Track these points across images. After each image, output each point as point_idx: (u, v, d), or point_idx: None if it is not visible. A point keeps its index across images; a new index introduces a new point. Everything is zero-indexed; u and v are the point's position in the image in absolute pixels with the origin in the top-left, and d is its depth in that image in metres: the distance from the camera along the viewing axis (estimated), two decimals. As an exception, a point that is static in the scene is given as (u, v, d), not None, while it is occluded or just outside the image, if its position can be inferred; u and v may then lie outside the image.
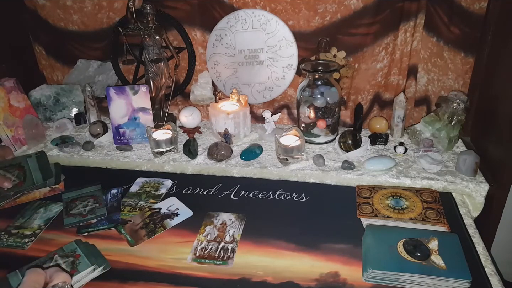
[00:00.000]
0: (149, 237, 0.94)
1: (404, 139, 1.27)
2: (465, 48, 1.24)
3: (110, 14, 1.41)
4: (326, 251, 0.88)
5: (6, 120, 1.27)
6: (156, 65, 1.30)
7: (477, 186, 1.05)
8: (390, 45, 1.26)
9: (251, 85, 1.39)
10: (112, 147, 1.31)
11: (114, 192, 1.10)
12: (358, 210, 0.97)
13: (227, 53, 1.36)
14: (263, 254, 0.89)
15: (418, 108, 1.36)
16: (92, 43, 1.49)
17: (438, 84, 1.31)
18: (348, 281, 0.81)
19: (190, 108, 1.40)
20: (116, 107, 1.28)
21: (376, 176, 1.09)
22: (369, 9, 1.21)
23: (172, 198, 1.08)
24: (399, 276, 0.78)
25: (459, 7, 1.18)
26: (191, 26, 1.36)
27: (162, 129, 1.25)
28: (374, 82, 1.33)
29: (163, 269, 0.86)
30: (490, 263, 0.84)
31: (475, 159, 1.06)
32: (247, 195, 1.08)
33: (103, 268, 0.84)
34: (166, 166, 1.21)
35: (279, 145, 1.15)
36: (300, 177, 1.14)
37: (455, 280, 0.77)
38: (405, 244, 0.84)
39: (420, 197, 1.00)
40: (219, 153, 1.19)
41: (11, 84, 1.30)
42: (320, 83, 1.21)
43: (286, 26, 1.28)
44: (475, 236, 0.92)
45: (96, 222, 0.99)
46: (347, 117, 1.40)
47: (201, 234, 0.95)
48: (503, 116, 1.09)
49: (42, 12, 1.45)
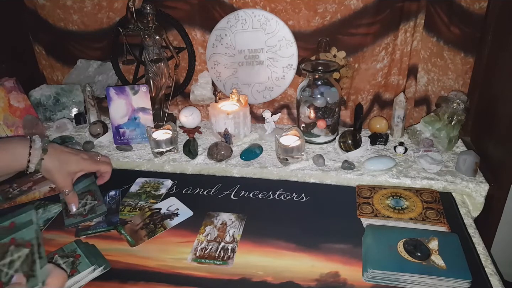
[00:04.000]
0: (149, 237, 0.94)
1: (404, 139, 1.27)
2: (465, 48, 1.24)
3: (110, 14, 1.41)
4: (326, 251, 0.88)
5: (6, 120, 1.27)
6: (156, 65, 1.30)
7: (477, 186, 1.05)
8: (390, 45, 1.26)
9: (251, 85, 1.39)
10: (112, 147, 1.31)
11: (112, 194, 1.10)
12: (358, 210, 0.97)
13: (227, 53, 1.36)
14: (263, 254, 0.89)
15: (418, 108, 1.36)
16: (92, 43, 1.49)
17: (438, 84, 1.31)
18: (348, 281, 0.81)
19: (190, 108, 1.40)
20: (116, 107, 1.28)
21: (376, 176, 1.10)
22: (369, 9, 1.21)
23: (172, 198, 1.08)
24: (399, 276, 0.78)
25: (459, 7, 1.18)
26: (191, 26, 1.36)
27: (162, 129, 1.25)
28: (374, 82, 1.33)
29: (163, 269, 0.86)
30: (490, 263, 0.84)
31: (475, 159, 1.06)
32: (247, 195, 1.08)
33: (103, 268, 0.84)
34: (166, 166, 1.21)
35: (279, 145, 1.15)
36: (300, 177, 1.14)
37: (455, 280, 0.77)
38: (405, 244, 0.84)
39: (420, 197, 1.00)
40: (219, 153, 1.19)
41: (11, 84, 1.30)
42: (320, 83, 1.21)
43: (286, 26, 1.28)
44: (475, 236, 0.92)
45: (94, 225, 0.99)
46: (347, 117, 1.40)
47: (201, 234, 0.95)
48: (503, 116, 1.09)
49: (42, 12, 1.45)
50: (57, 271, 0.65)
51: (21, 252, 0.64)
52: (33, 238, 0.65)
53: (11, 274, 0.62)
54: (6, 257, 0.62)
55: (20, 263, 0.63)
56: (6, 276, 0.62)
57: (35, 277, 0.63)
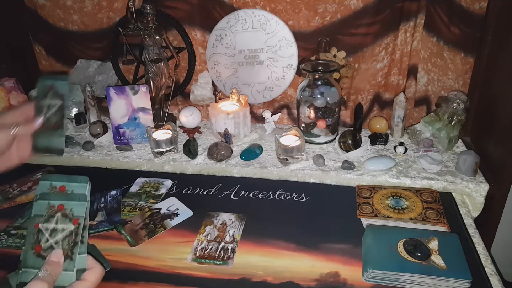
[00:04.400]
0: (149, 238, 0.94)
1: (404, 139, 1.27)
2: (465, 48, 1.24)
3: (110, 14, 1.41)
4: (326, 251, 0.88)
5: (6, 120, 1.27)
6: (156, 65, 1.30)
7: (477, 186, 1.05)
8: (390, 45, 1.26)
9: (251, 85, 1.39)
10: (112, 147, 1.31)
11: (113, 194, 1.10)
12: (358, 210, 0.97)
13: (227, 53, 1.36)
14: (263, 254, 0.89)
15: (418, 108, 1.36)
16: (92, 43, 1.49)
17: (438, 84, 1.31)
18: (348, 281, 0.81)
19: (190, 108, 1.40)
20: (116, 107, 1.28)
21: (376, 176, 1.09)
22: (369, 9, 1.21)
23: (172, 198, 1.08)
24: (399, 276, 0.78)
25: (459, 7, 1.18)
26: (191, 26, 1.36)
27: (162, 129, 1.25)
28: (374, 82, 1.33)
29: (163, 269, 0.86)
30: (490, 263, 0.84)
31: (475, 159, 1.06)
32: (247, 195, 1.08)
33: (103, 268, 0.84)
34: (166, 166, 1.21)
35: (279, 145, 1.15)
36: (300, 177, 1.14)
37: (455, 280, 0.77)
38: (405, 244, 0.84)
39: (420, 197, 1.00)
40: (219, 153, 1.19)
41: (11, 84, 1.31)
42: (320, 83, 1.21)
43: (286, 26, 1.28)
44: (475, 236, 0.92)
45: (96, 224, 0.99)
46: (347, 117, 1.40)
47: (201, 234, 0.95)
48: (503, 116, 1.09)
49: (42, 12, 1.45)
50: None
51: (67, 226, 0.58)
52: (82, 217, 0.58)
53: (51, 244, 0.57)
54: (51, 222, 0.57)
55: (62, 236, 0.57)
56: (46, 243, 0.57)
57: (72, 260, 0.57)
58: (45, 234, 0.57)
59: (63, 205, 0.59)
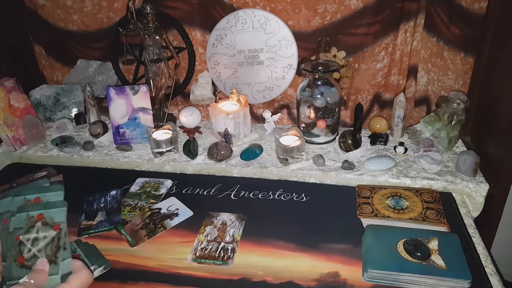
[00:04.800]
0: (149, 237, 0.94)
1: (404, 139, 1.27)
2: (465, 48, 1.24)
3: (110, 14, 1.41)
4: (326, 251, 0.88)
5: (6, 120, 1.27)
6: (156, 65, 1.30)
7: (477, 186, 1.05)
8: (390, 45, 1.26)
9: (251, 85, 1.39)
10: (112, 147, 1.31)
11: (113, 194, 1.10)
12: (358, 210, 0.97)
13: (227, 53, 1.36)
14: (263, 254, 0.89)
15: (418, 108, 1.36)
16: (92, 43, 1.49)
17: (438, 84, 1.31)
18: (348, 281, 0.81)
19: (190, 108, 1.40)
20: (116, 107, 1.28)
21: (376, 176, 1.10)
22: (369, 9, 1.21)
23: (172, 198, 1.08)
24: (399, 276, 0.78)
25: (459, 7, 1.18)
26: (191, 26, 1.36)
27: (162, 129, 1.25)
28: (374, 82, 1.33)
29: (163, 269, 0.86)
30: (490, 263, 0.84)
31: (475, 159, 1.06)
32: (247, 195, 1.08)
33: (103, 268, 0.84)
34: (166, 166, 1.21)
35: (279, 145, 1.15)
36: (300, 177, 1.14)
37: (455, 280, 0.77)
38: (405, 244, 0.84)
39: (420, 197, 1.00)
40: (219, 153, 1.19)
41: (11, 84, 1.30)
42: (320, 83, 1.21)
43: (286, 26, 1.28)
44: (475, 236, 0.92)
45: (96, 224, 0.99)
46: (347, 117, 1.40)
47: (201, 234, 0.95)
48: (503, 116, 1.09)
49: (42, 12, 1.45)
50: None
51: (48, 233, 0.58)
52: (62, 222, 0.58)
53: (34, 253, 0.57)
54: (31, 232, 0.57)
55: (44, 244, 0.58)
56: (29, 253, 0.57)
57: (57, 264, 0.57)
58: (26, 244, 0.58)
59: (43, 214, 0.59)
